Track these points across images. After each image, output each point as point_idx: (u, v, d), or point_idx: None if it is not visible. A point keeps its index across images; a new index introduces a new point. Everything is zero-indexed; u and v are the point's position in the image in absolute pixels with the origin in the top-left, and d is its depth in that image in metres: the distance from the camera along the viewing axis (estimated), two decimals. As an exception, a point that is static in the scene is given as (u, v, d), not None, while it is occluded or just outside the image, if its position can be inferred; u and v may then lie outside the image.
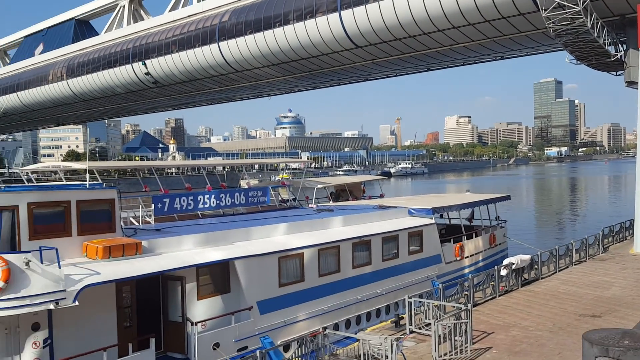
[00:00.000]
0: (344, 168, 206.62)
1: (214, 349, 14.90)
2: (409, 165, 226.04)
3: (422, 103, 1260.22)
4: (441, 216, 27.78)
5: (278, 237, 18.27)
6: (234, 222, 20.18)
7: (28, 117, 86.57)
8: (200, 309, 15.21)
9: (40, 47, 79.72)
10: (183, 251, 15.41)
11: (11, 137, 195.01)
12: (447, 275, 23.94)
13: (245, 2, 50.97)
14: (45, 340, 12.45)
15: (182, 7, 58.96)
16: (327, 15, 43.56)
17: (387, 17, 40.25)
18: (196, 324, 14.81)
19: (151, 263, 14.17)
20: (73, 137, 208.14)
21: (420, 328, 15.94)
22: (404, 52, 44.59)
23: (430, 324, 14.89)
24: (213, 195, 24.46)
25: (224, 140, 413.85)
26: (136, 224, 20.69)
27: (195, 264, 14.97)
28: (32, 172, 28.25)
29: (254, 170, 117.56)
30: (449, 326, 13.93)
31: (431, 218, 24.07)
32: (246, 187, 29.33)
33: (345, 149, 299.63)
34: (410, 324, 16.13)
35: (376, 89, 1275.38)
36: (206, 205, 24.16)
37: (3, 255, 11.57)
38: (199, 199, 23.85)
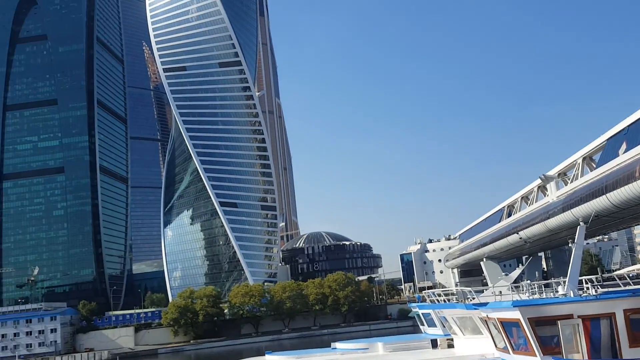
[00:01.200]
0: None
1: None
2: None
3: None
4: None
5: None
6: None
7: (619, 216, 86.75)
8: None
9: (624, 146, 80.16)
10: None
11: (607, 236, 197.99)
12: None
13: None
14: None
15: None
16: None
17: None
18: None
19: None
20: None
21: None
22: None
23: None
24: None
25: None
26: None
27: None
28: (628, 273, 28.21)
29: None
30: None
31: None
32: None
33: None
34: None
35: None
36: None
37: None
38: None
